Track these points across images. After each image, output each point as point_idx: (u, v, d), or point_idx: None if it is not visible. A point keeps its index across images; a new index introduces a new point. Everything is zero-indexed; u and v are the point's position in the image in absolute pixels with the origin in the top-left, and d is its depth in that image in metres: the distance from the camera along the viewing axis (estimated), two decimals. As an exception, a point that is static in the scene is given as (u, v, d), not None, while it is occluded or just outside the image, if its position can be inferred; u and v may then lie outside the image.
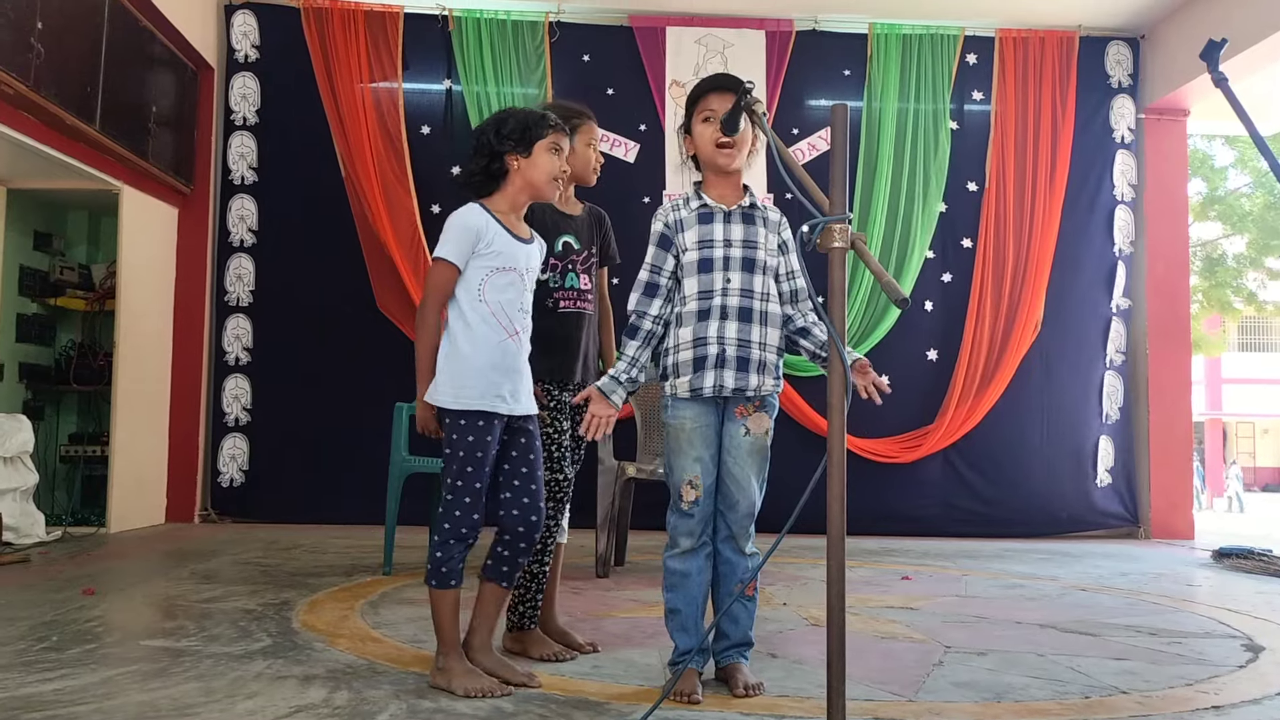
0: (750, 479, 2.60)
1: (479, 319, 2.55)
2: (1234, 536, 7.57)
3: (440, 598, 2.53)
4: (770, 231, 2.64)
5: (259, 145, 6.88)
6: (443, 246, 2.58)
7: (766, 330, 2.57)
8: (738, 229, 2.61)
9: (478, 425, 2.51)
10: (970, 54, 7.20)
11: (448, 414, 2.53)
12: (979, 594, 4.34)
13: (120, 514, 5.91)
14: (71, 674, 2.54)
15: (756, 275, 2.58)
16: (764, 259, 2.60)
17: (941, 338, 7.03)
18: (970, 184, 7.14)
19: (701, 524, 2.57)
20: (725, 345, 2.53)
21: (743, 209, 2.64)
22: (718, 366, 2.53)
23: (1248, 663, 3.03)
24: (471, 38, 6.94)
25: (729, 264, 2.58)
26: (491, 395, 2.52)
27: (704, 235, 2.62)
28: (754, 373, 2.54)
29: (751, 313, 2.56)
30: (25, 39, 4.65)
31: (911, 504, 6.88)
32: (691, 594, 2.57)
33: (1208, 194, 14.82)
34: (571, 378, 2.98)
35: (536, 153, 2.65)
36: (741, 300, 2.55)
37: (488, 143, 2.65)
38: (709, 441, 2.57)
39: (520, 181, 2.66)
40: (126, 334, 5.97)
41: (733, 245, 2.59)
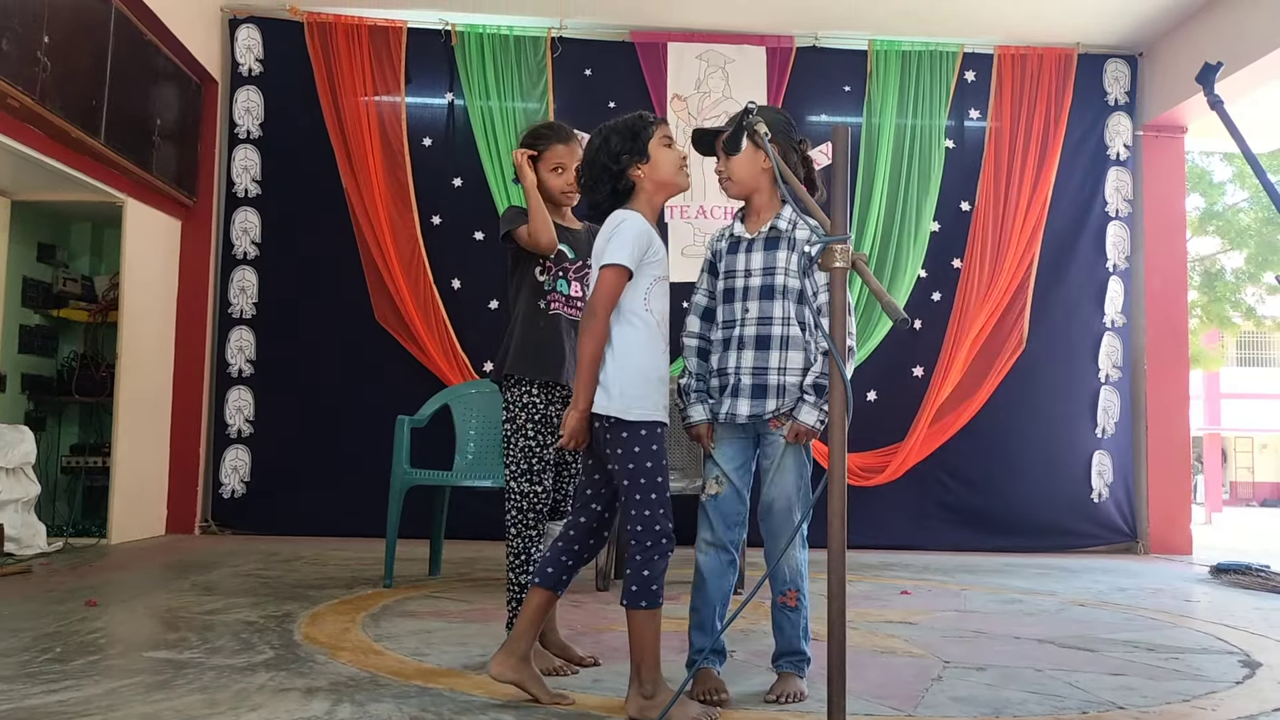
0: (785, 473, 2.66)
1: (645, 328, 2.49)
2: (1232, 552, 7.57)
3: (653, 618, 2.39)
4: (794, 252, 2.68)
5: (262, 158, 6.92)
6: (619, 251, 2.45)
7: (787, 354, 2.64)
8: (758, 257, 2.70)
9: (657, 433, 2.46)
10: (969, 71, 7.25)
11: (625, 425, 2.43)
12: (978, 609, 4.35)
13: (121, 525, 5.92)
14: (76, 685, 2.55)
15: (776, 301, 2.66)
16: (783, 283, 2.66)
17: (930, 354, 7.05)
18: (963, 204, 7.17)
19: (721, 520, 2.68)
20: (741, 375, 2.66)
21: (764, 235, 2.71)
22: (734, 395, 2.66)
23: (1245, 679, 3.05)
24: (474, 52, 6.98)
25: (748, 294, 2.69)
26: (663, 406, 2.48)
27: (730, 265, 2.74)
28: (771, 397, 2.63)
29: (770, 339, 2.65)
30: (32, 53, 4.69)
31: (910, 518, 6.89)
32: (708, 595, 2.67)
33: (1205, 209, 14.86)
34: (558, 379, 3.02)
35: (654, 151, 2.58)
36: (759, 329, 2.66)
37: (605, 166, 2.57)
38: (740, 451, 2.72)
39: (652, 186, 2.58)
40: (128, 345, 6.00)
41: (752, 275, 2.69)
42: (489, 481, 4.68)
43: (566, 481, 3.15)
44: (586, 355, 2.45)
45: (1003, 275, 7.06)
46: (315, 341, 6.81)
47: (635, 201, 2.58)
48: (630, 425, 2.43)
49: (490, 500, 6.18)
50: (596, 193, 2.60)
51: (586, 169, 2.63)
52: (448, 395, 5.07)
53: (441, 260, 6.81)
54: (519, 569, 3.00)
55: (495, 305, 6.82)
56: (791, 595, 2.68)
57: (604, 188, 2.58)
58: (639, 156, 2.56)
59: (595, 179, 2.59)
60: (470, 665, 2.93)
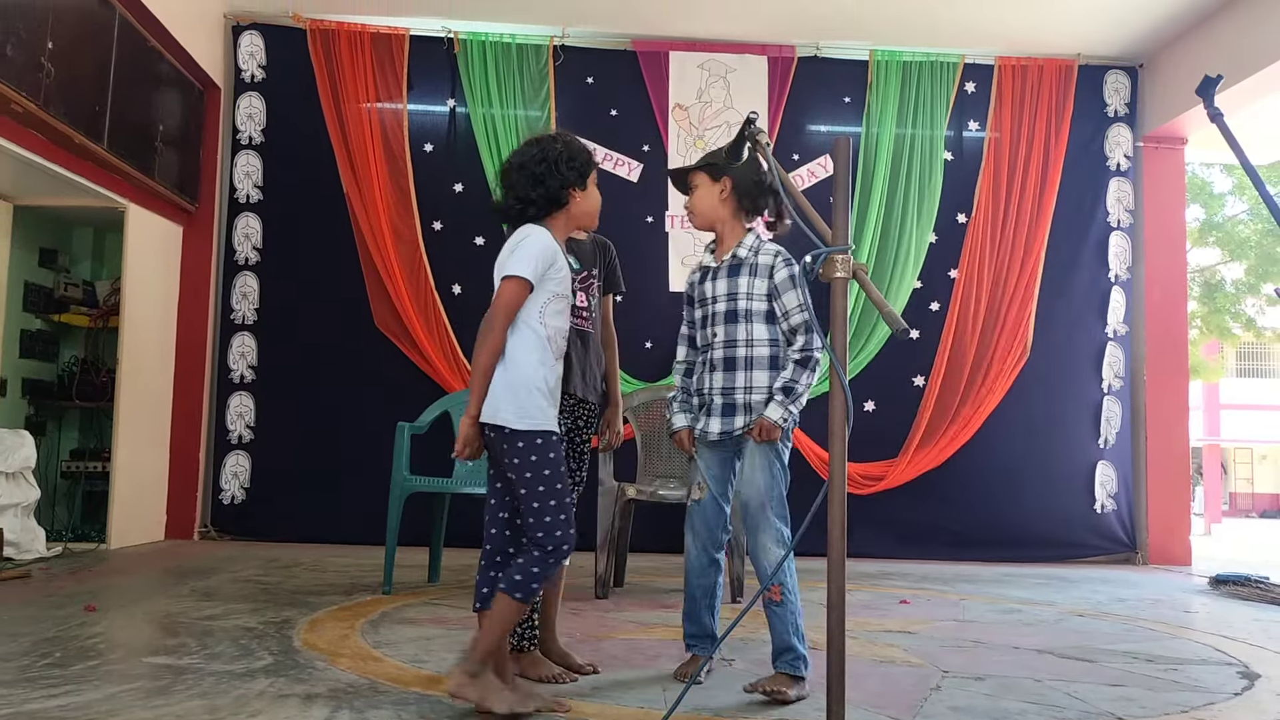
0: (755, 471, 2.85)
1: (538, 340, 2.55)
2: (1231, 563, 7.57)
3: (517, 611, 2.48)
4: (759, 278, 2.91)
5: (264, 164, 6.93)
6: (522, 264, 2.52)
7: (752, 374, 2.89)
8: (722, 284, 2.96)
9: (552, 441, 2.52)
10: (970, 82, 7.27)
11: (519, 435, 2.49)
12: (977, 619, 4.35)
13: (120, 530, 5.92)
14: (75, 690, 2.55)
15: (740, 325, 2.91)
16: (746, 308, 2.90)
17: (928, 364, 7.06)
18: (960, 215, 7.18)
19: (703, 523, 2.96)
20: (713, 395, 2.93)
21: (727, 263, 2.97)
22: (708, 414, 2.95)
23: (1244, 690, 3.05)
24: (476, 60, 7.00)
25: (715, 319, 2.95)
26: (553, 417, 2.55)
27: (701, 294, 3.02)
28: (739, 414, 2.88)
29: (735, 361, 2.90)
30: (36, 59, 4.70)
31: (908, 527, 6.89)
32: (692, 588, 2.99)
33: (1206, 220, 14.88)
34: (568, 390, 3.02)
35: (590, 185, 2.73)
36: (725, 351, 2.92)
37: (559, 173, 2.63)
38: (719, 463, 2.97)
39: (576, 212, 2.70)
40: (129, 351, 6.00)
41: (718, 301, 2.95)
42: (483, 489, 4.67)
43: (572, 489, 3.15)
44: (481, 365, 2.52)
45: (1006, 285, 7.07)
46: (316, 347, 6.81)
47: (555, 219, 2.66)
48: (523, 434, 2.49)
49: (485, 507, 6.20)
50: (533, 192, 2.63)
51: (536, 167, 2.64)
52: (448, 402, 5.07)
53: (442, 266, 6.83)
54: None
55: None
56: (775, 590, 2.80)
57: (545, 189, 2.63)
58: (580, 183, 2.69)
59: (539, 182, 2.63)
60: (469, 672, 2.93)
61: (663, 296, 6.92)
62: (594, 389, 3.15)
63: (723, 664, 3.17)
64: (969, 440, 6.96)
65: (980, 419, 6.97)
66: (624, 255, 3.40)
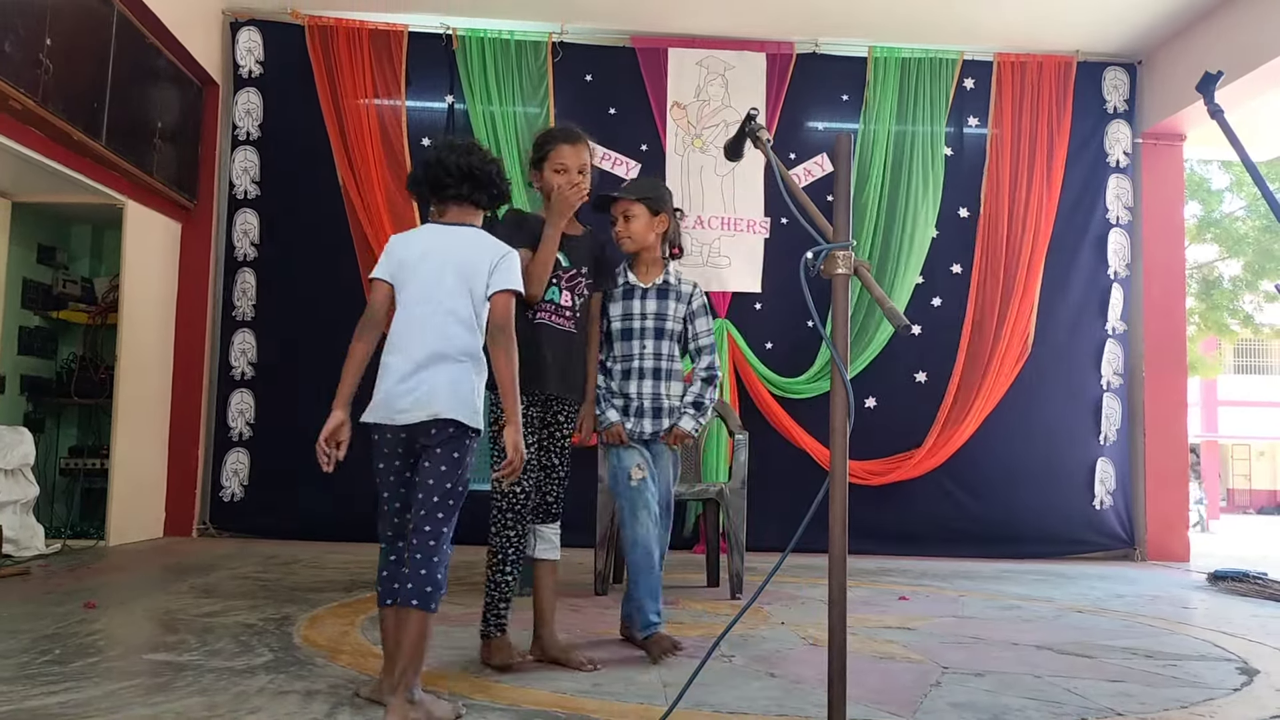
0: (669, 469, 3.45)
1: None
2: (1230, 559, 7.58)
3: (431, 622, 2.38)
4: (680, 303, 3.44)
5: (262, 160, 6.92)
6: (518, 280, 2.61)
7: (671, 384, 3.42)
8: (652, 304, 3.41)
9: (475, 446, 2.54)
10: (968, 78, 7.26)
11: (468, 434, 2.48)
12: (976, 615, 4.36)
13: (119, 527, 5.92)
14: (75, 687, 2.55)
15: (664, 341, 3.41)
16: (670, 328, 3.41)
17: (930, 360, 7.06)
18: (962, 210, 7.18)
19: (652, 497, 3.30)
20: (643, 399, 3.37)
21: (657, 286, 3.42)
22: (638, 416, 3.37)
23: (1242, 686, 3.06)
24: (475, 57, 6.99)
25: (644, 334, 3.38)
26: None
27: (627, 309, 3.41)
28: (665, 417, 3.40)
29: (661, 371, 3.40)
30: (34, 55, 4.69)
31: (905, 524, 6.90)
32: (654, 561, 3.28)
33: (1204, 216, 14.88)
34: (542, 388, 3.03)
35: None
36: (655, 363, 3.39)
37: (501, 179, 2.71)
38: (640, 453, 3.37)
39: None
40: (128, 348, 6.00)
41: (647, 318, 3.39)
42: (488, 485, 4.67)
43: (555, 484, 3.17)
44: (510, 376, 2.53)
45: (1011, 281, 7.07)
46: (314, 344, 6.79)
47: (478, 219, 2.71)
48: (471, 434, 2.49)
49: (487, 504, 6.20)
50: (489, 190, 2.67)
51: (494, 166, 2.69)
52: (447, 399, 5.05)
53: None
54: (496, 568, 3.05)
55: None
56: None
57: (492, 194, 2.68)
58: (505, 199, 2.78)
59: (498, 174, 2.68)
60: (468, 669, 2.94)
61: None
62: (574, 387, 3.16)
63: (722, 660, 3.17)
64: (970, 437, 6.97)
65: (981, 415, 6.98)
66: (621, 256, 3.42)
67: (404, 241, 2.65)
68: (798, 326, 6.84)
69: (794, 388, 6.89)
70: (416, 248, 2.61)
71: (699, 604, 4.43)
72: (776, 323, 6.94)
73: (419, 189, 2.70)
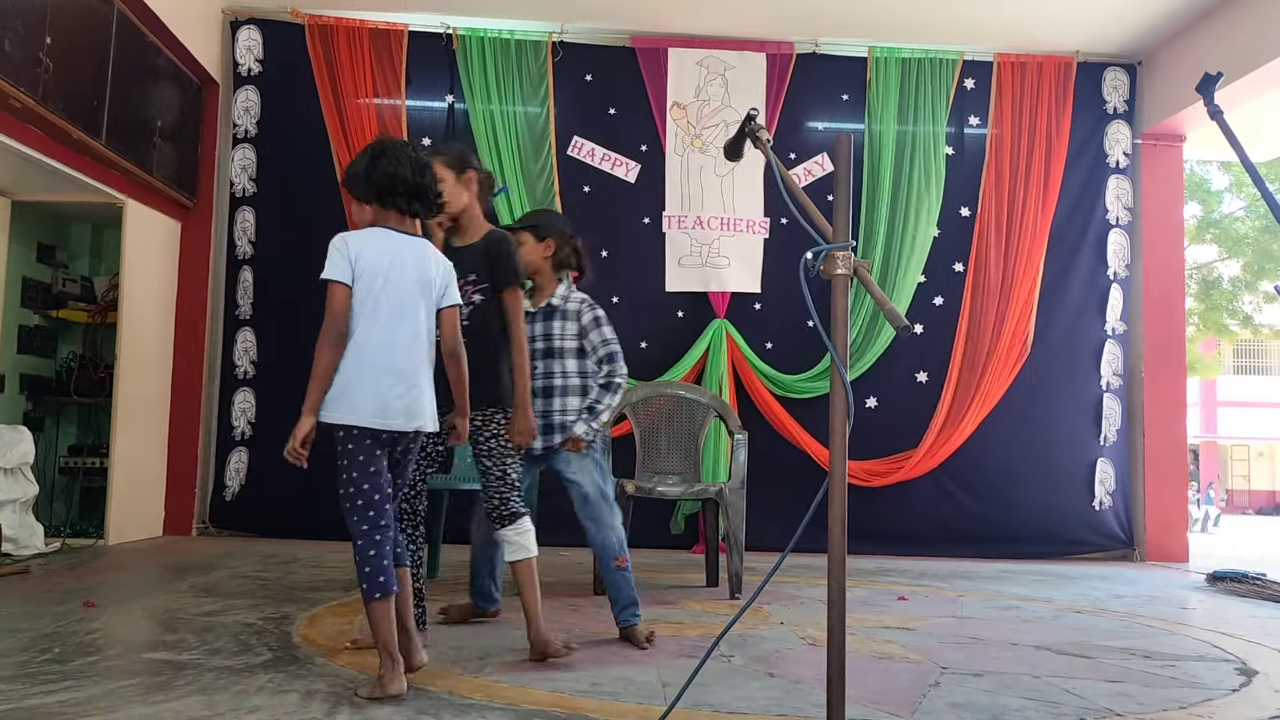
0: (586, 472, 3.54)
1: None
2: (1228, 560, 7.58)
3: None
4: (569, 321, 3.65)
5: (259, 157, 6.91)
6: (456, 293, 2.88)
7: (566, 400, 3.60)
8: (539, 326, 3.64)
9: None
10: (969, 78, 7.27)
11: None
12: (975, 615, 4.36)
13: (118, 526, 5.92)
14: (75, 686, 2.55)
15: (554, 360, 3.62)
16: (560, 346, 3.63)
17: (932, 360, 7.07)
18: (964, 209, 7.19)
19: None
20: (537, 417, 3.47)
21: (543, 309, 3.65)
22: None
23: (1241, 686, 3.06)
24: (475, 56, 6.99)
25: (535, 355, 3.56)
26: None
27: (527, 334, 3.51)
28: (556, 433, 3.58)
29: (552, 389, 3.60)
30: (34, 53, 4.69)
31: (905, 524, 6.90)
32: (488, 556, 3.72)
33: (1203, 217, 14.90)
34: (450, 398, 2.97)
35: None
36: (544, 381, 3.60)
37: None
38: (527, 469, 3.60)
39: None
40: (128, 346, 6.00)
41: (536, 340, 3.61)
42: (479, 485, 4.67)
43: (493, 488, 3.22)
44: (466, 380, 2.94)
45: (1009, 281, 7.08)
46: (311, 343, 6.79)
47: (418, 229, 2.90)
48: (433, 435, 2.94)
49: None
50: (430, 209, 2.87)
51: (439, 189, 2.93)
52: (447, 398, 5.06)
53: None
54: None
55: (494, 309, 6.84)
56: (622, 559, 3.50)
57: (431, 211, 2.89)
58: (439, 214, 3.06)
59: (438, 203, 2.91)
60: (469, 668, 2.94)
61: (659, 297, 6.92)
62: (480, 392, 3.09)
63: (722, 660, 3.18)
64: (970, 437, 6.97)
65: (981, 415, 6.98)
66: (621, 255, 3.46)
67: (364, 245, 2.68)
68: (799, 326, 6.84)
69: (795, 387, 6.89)
70: (383, 256, 2.69)
71: (698, 604, 4.44)
72: (777, 322, 6.94)
73: (360, 189, 2.78)
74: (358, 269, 2.65)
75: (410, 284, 2.70)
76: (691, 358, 6.83)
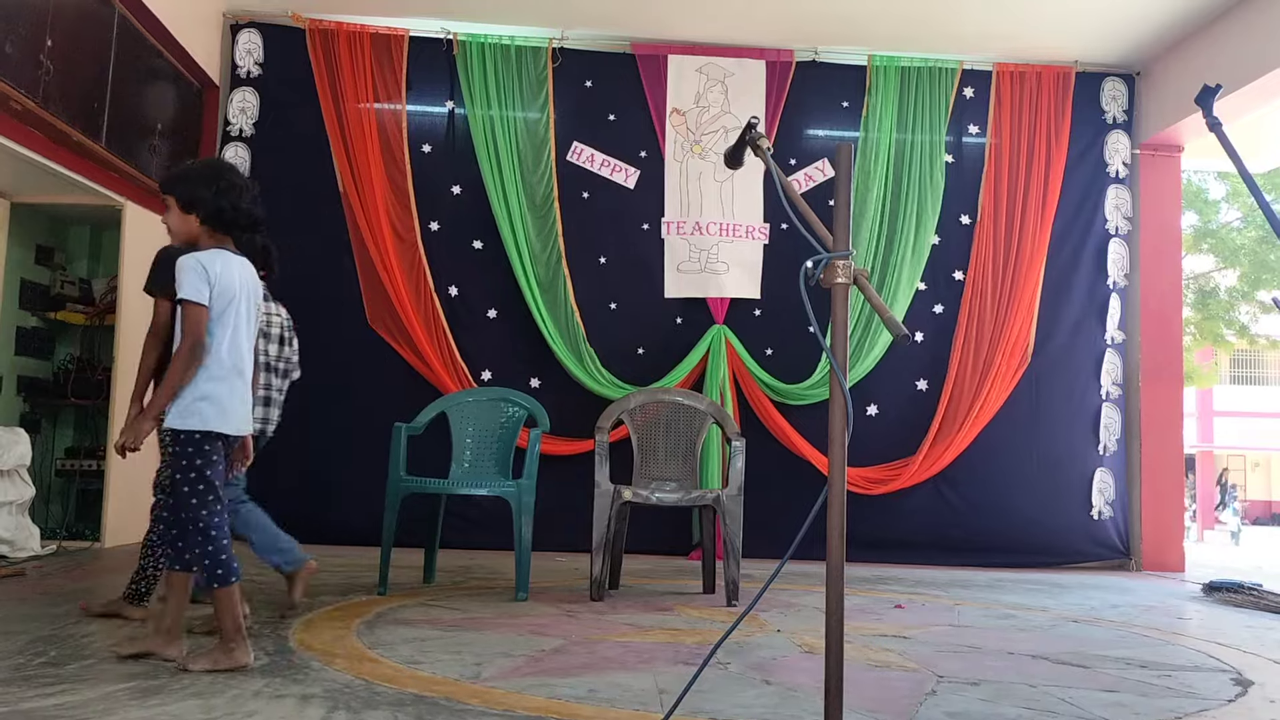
0: None
1: None
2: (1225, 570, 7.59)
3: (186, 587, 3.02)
4: None
5: (253, 157, 6.89)
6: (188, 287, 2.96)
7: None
8: None
9: None
10: (968, 87, 7.29)
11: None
12: (971, 624, 4.36)
13: (115, 528, 5.91)
14: (71, 689, 2.55)
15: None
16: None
17: (931, 368, 7.08)
18: (963, 217, 7.20)
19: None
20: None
21: None
22: None
23: (1237, 697, 3.06)
24: (475, 62, 7.00)
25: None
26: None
27: None
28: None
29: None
30: (35, 56, 4.70)
31: (903, 532, 6.90)
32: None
33: (1200, 227, 14.94)
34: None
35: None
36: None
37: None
38: None
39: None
40: (126, 349, 5.98)
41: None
42: (485, 490, 4.69)
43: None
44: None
45: (1009, 289, 7.08)
46: (310, 347, 6.78)
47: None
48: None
49: (485, 509, 6.20)
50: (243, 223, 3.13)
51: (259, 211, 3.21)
52: (444, 403, 5.07)
53: (439, 267, 6.83)
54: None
55: (494, 314, 6.85)
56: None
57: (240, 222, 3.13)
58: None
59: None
60: (466, 674, 2.94)
61: (658, 302, 6.93)
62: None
63: (718, 667, 3.17)
64: (969, 445, 6.96)
65: (981, 424, 6.98)
66: (620, 261, 3.44)
67: (221, 268, 2.94)
68: (799, 332, 6.85)
69: (795, 394, 6.89)
70: (235, 279, 2.98)
71: (695, 610, 4.43)
72: (777, 329, 6.95)
73: (206, 211, 3.01)
74: (215, 290, 2.91)
75: (251, 305, 3.05)
76: (689, 364, 6.83)
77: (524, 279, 6.79)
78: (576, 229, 6.92)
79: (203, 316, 2.87)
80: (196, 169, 3.13)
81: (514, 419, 5.00)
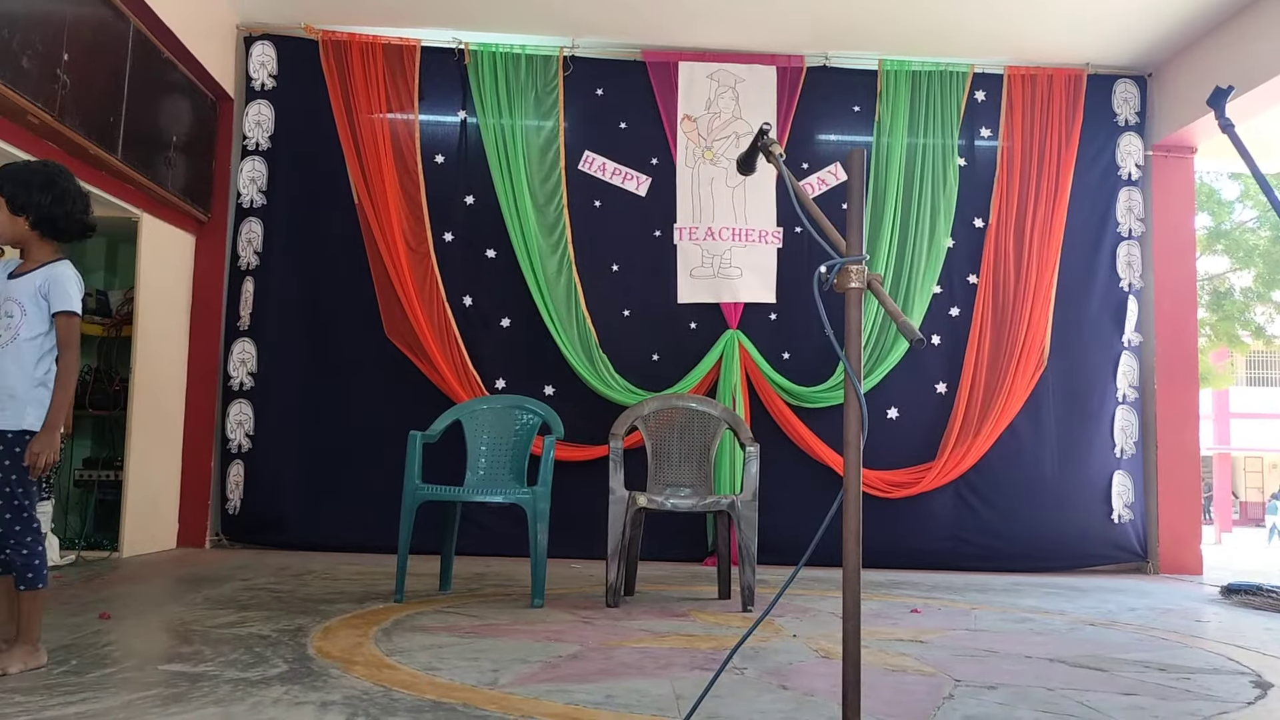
0: None
1: None
2: (1242, 573, 7.55)
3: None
4: None
5: (269, 170, 6.94)
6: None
7: None
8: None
9: None
10: (979, 91, 7.28)
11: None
12: (988, 628, 4.35)
13: (133, 538, 5.95)
14: (93, 698, 2.57)
15: None
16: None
17: (949, 371, 7.07)
18: (977, 220, 7.20)
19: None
20: None
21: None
22: None
23: (1256, 699, 3.05)
24: (487, 71, 7.04)
25: None
26: None
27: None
28: None
29: None
30: (52, 70, 4.75)
31: (920, 537, 6.88)
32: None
33: (1214, 228, 14.87)
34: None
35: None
36: None
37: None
38: None
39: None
40: (142, 360, 6.04)
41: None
42: (500, 497, 4.71)
43: None
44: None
45: (1024, 292, 7.07)
46: (325, 356, 6.84)
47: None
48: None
49: (500, 515, 6.23)
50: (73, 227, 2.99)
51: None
52: (459, 411, 5.09)
53: (453, 277, 6.86)
54: None
55: (508, 323, 6.88)
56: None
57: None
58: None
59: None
60: (483, 680, 2.95)
61: (671, 309, 6.94)
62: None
63: (735, 672, 3.18)
64: (989, 449, 6.94)
65: (1001, 427, 6.95)
66: (632, 268, 3.43)
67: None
68: (815, 335, 6.84)
69: (813, 397, 6.89)
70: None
71: (711, 616, 4.43)
72: (793, 333, 6.95)
73: (40, 218, 2.90)
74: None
75: None
76: (703, 369, 6.84)
77: (536, 287, 6.81)
78: (588, 237, 6.94)
79: (80, 326, 2.99)
80: (34, 170, 2.94)
81: (528, 426, 5.02)
